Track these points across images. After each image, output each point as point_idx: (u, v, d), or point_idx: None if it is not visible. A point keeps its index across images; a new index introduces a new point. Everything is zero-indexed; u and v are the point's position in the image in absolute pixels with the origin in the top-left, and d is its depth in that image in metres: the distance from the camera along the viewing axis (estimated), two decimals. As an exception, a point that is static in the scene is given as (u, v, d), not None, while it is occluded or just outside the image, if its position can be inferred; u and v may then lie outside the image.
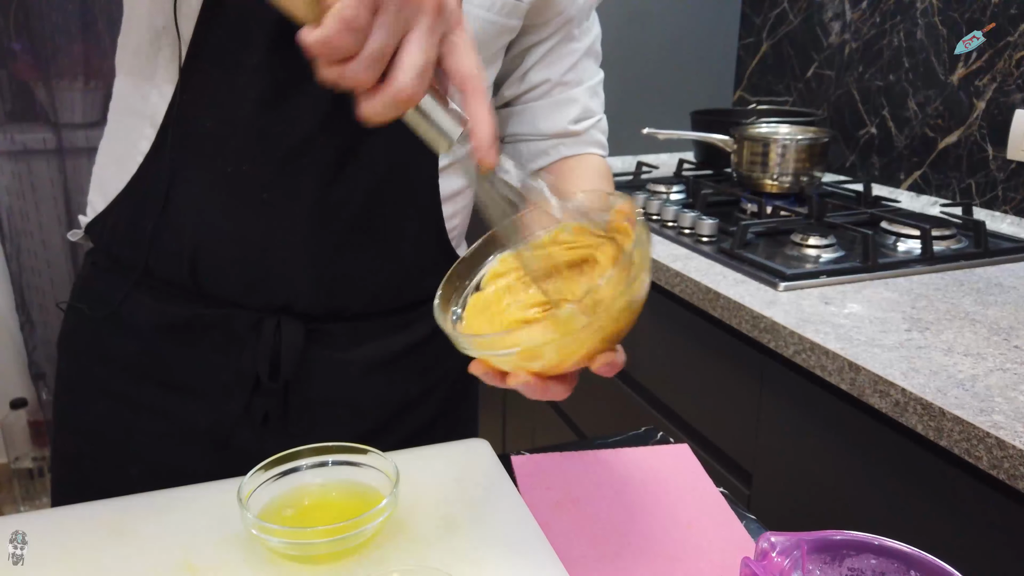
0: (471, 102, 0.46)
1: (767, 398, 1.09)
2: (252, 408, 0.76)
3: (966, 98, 1.54)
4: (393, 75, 0.43)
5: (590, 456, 0.79)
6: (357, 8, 0.41)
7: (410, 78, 0.43)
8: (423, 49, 0.44)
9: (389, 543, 0.61)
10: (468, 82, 0.46)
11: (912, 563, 0.46)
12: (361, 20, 0.42)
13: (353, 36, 0.42)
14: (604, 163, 0.86)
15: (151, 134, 0.70)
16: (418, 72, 0.43)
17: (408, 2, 0.43)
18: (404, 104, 0.44)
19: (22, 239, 2.28)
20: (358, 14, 0.41)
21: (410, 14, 0.43)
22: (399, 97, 0.44)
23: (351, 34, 0.42)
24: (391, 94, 0.44)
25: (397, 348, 0.80)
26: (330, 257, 0.73)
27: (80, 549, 0.60)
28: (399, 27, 0.43)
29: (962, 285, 1.14)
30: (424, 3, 0.43)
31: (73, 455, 0.82)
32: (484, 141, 0.46)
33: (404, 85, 0.43)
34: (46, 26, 2.15)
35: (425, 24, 0.44)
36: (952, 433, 0.77)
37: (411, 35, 0.43)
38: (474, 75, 0.46)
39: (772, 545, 0.47)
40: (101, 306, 0.77)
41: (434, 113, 0.46)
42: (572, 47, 0.82)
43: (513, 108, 0.85)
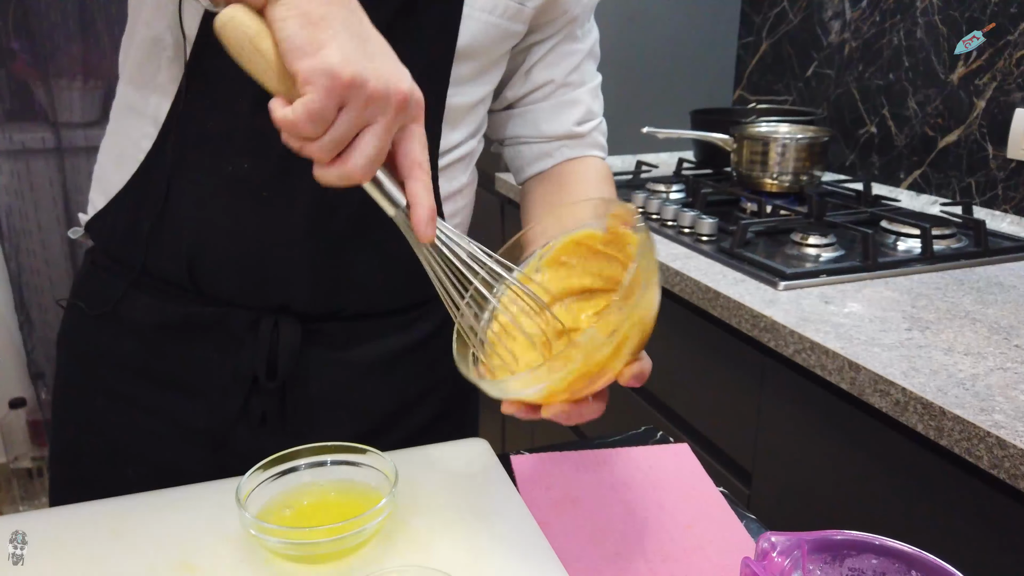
0: (414, 186, 0.52)
1: (767, 398, 1.08)
2: (250, 408, 0.76)
3: (966, 97, 1.54)
4: (347, 157, 0.48)
5: (590, 456, 0.79)
6: (323, 104, 0.45)
7: (360, 165, 0.48)
8: (378, 142, 0.48)
9: (388, 543, 0.61)
10: (414, 169, 0.52)
11: (913, 563, 0.46)
12: (326, 115, 0.46)
13: (315, 126, 0.46)
14: (605, 166, 0.86)
15: (153, 133, 0.70)
16: (368, 160, 0.49)
17: (375, 102, 0.47)
18: (352, 182, 0.50)
19: (21, 238, 2.28)
20: (324, 108, 0.46)
21: (373, 111, 0.48)
22: (349, 177, 0.49)
23: (314, 124, 0.46)
24: (342, 173, 0.49)
25: (396, 348, 0.80)
26: (328, 257, 0.73)
27: (80, 549, 0.60)
28: (360, 122, 0.48)
29: (962, 284, 1.14)
30: (388, 102, 0.48)
31: (71, 453, 0.82)
32: (420, 221, 0.52)
33: (354, 169, 0.48)
34: (45, 25, 2.15)
35: (384, 121, 0.48)
36: (952, 432, 0.77)
37: (370, 128, 0.48)
38: (419, 164, 0.52)
39: (772, 545, 0.46)
40: (100, 304, 0.77)
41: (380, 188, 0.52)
42: (575, 47, 0.82)
43: (516, 110, 0.85)
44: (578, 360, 0.50)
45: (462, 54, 0.71)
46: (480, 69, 0.75)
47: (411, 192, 0.52)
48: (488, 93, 0.79)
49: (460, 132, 0.77)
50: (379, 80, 0.47)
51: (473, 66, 0.74)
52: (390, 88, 0.47)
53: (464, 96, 0.75)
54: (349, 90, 0.46)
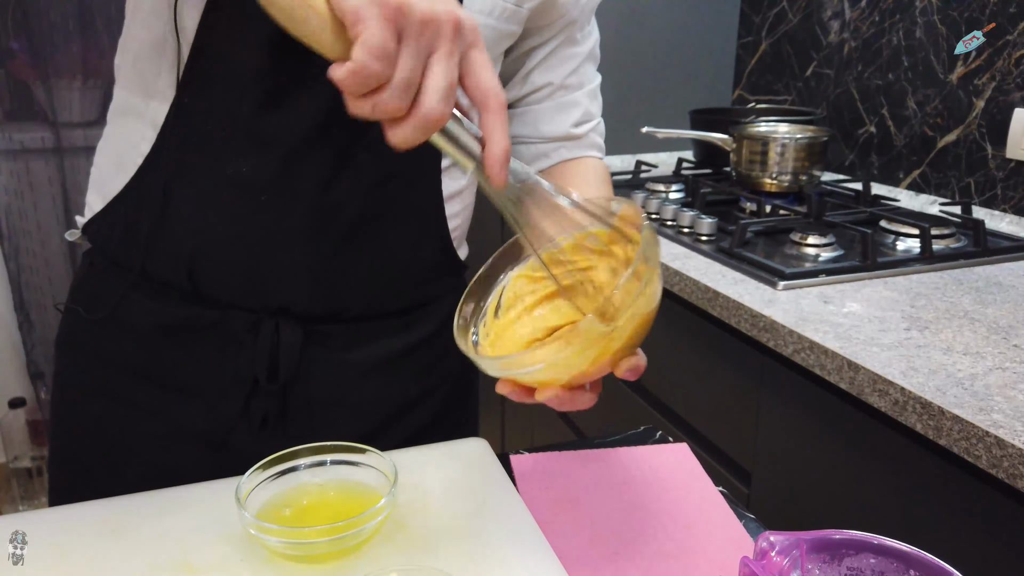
0: (489, 119, 0.47)
1: (766, 397, 1.09)
2: (250, 410, 0.76)
3: (965, 97, 1.54)
4: (420, 100, 0.44)
5: (589, 455, 0.79)
6: (383, 35, 0.42)
7: (436, 101, 0.44)
8: (446, 71, 0.45)
9: (387, 542, 0.61)
10: (488, 99, 0.47)
11: (911, 562, 0.46)
12: (388, 47, 0.43)
13: (382, 64, 0.43)
14: (603, 165, 0.87)
15: (151, 136, 0.70)
16: (443, 95, 0.44)
17: (428, 25, 0.44)
18: (433, 127, 0.45)
19: (20, 238, 2.28)
20: (384, 41, 0.42)
21: (431, 37, 0.44)
22: (428, 121, 0.45)
23: (380, 62, 0.43)
24: (420, 118, 0.45)
25: (396, 349, 0.80)
26: (329, 259, 0.73)
27: (80, 549, 0.60)
28: (423, 51, 0.44)
29: (961, 284, 1.14)
30: (443, 25, 0.44)
31: (71, 455, 0.82)
32: (496, 160, 0.48)
33: (432, 109, 0.44)
34: (44, 25, 2.15)
35: (446, 46, 0.44)
36: (951, 432, 0.77)
37: (433, 58, 0.44)
38: (494, 92, 0.47)
39: (771, 544, 0.46)
40: (98, 307, 0.77)
41: (457, 134, 0.48)
42: (574, 51, 0.82)
43: (515, 110, 0.85)
44: (576, 344, 0.49)
45: None
46: None
47: (486, 126, 0.48)
48: None
49: None
50: (424, 4, 0.44)
51: None
52: (437, 11, 0.44)
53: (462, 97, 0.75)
54: (400, 15, 0.43)
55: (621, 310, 0.49)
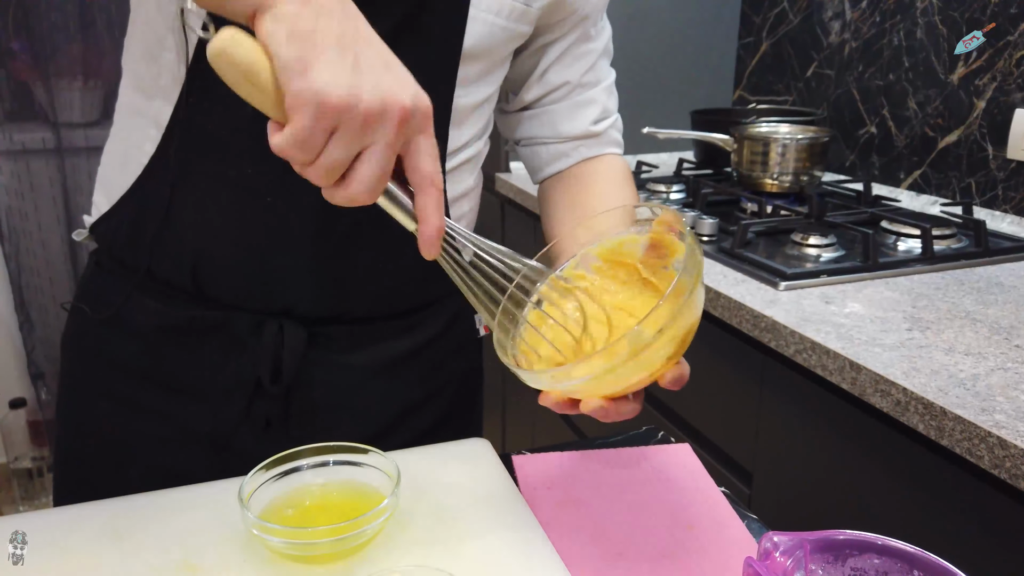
0: (422, 201, 0.51)
1: (767, 398, 1.09)
2: (253, 412, 0.76)
3: (966, 97, 1.54)
4: (348, 181, 0.47)
5: (591, 456, 0.79)
6: (309, 131, 0.44)
7: (362, 189, 0.47)
8: (376, 165, 0.47)
9: (390, 543, 0.61)
10: (424, 184, 0.50)
11: (915, 563, 0.46)
12: (314, 141, 0.45)
13: (304, 153, 0.45)
14: (624, 163, 0.86)
15: (156, 136, 0.70)
16: (368, 185, 0.47)
17: (369, 124, 0.45)
18: (358, 203, 0.49)
19: (21, 239, 2.28)
20: (310, 134, 0.44)
21: (371, 132, 0.46)
22: (353, 199, 0.48)
23: (302, 151, 0.45)
24: (346, 196, 0.48)
25: (400, 351, 0.80)
26: (332, 261, 0.72)
27: (80, 549, 0.60)
28: (356, 144, 0.46)
29: (963, 284, 1.14)
30: (388, 120, 0.46)
31: (75, 455, 0.82)
32: (427, 239, 0.51)
33: (356, 193, 0.48)
34: (45, 25, 2.15)
35: (384, 140, 0.47)
36: (954, 432, 0.77)
37: (368, 151, 0.47)
38: (430, 178, 0.50)
39: (775, 545, 0.46)
40: (103, 307, 0.77)
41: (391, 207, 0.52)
42: (589, 47, 0.82)
43: (532, 111, 0.84)
44: (623, 355, 0.49)
45: (468, 55, 0.71)
46: (485, 70, 0.75)
47: (419, 207, 0.51)
48: (493, 93, 0.79)
49: (466, 132, 0.77)
50: (374, 98, 0.45)
51: (479, 67, 0.73)
52: (387, 104, 0.45)
53: (470, 97, 0.75)
54: (339, 113, 0.44)
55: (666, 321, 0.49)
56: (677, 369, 0.54)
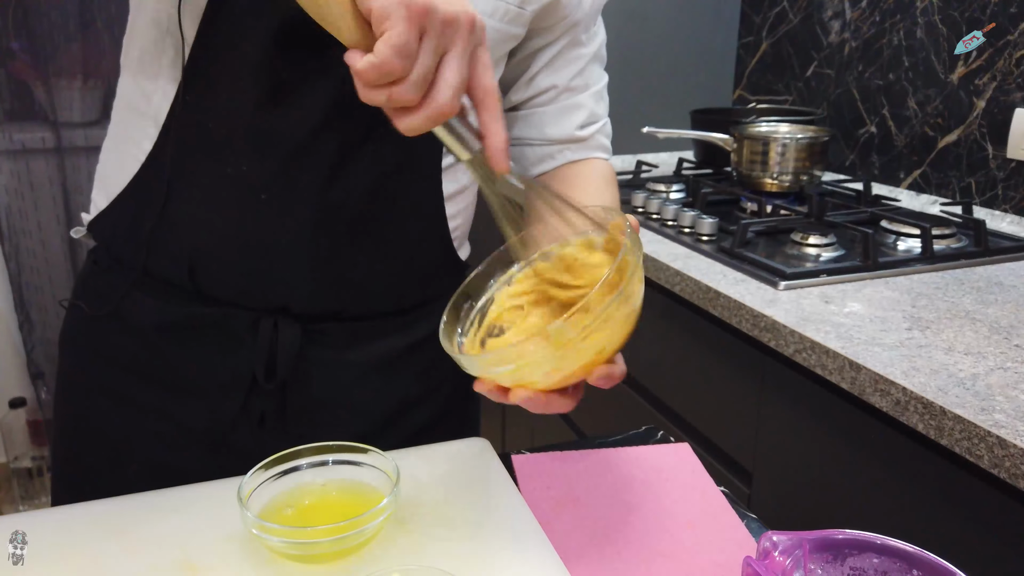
0: (488, 115, 0.50)
1: (767, 397, 1.09)
2: (249, 408, 0.76)
3: (966, 97, 1.54)
4: (433, 94, 0.47)
5: (591, 455, 0.79)
6: (408, 34, 0.44)
7: (449, 97, 0.47)
8: (460, 68, 0.47)
9: (390, 542, 0.61)
10: (488, 97, 0.50)
11: (914, 562, 0.46)
12: (412, 46, 0.45)
13: (403, 61, 0.45)
14: (609, 167, 0.86)
15: (153, 134, 0.70)
16: (455, 91, 0.47)
17: (450, 25, 0.46)
18: (442, 119, 0.48)
19: (21, 238, 2.28)
20: (409, 40, 0.44)
21: (450, 35, 0.47)
22: (439, 113, 0.47)
23: (402, 59, 0.45)
24: (433, 110, 0.47)
25: (396, 349, 0.80)
26: (329, 259, 0.73)
27: (80, 549, 0.60)
28: (440, 48, 0.47)
29: (962, 284, 1.14)
30: (461, 24, 0.47)
31: (72, 452, 0.82)
32: (498, 150, 0.50)
33: (444, 102, 0.47)
34: (45, 25, 2.14)
35: (461, 44, 0.47)
36: (953, 432, 0.77)
37: (450, 54, 0.47)
38: (493, 91, 0.50)
39: (774, 544, 0.46)
40: (101, 304, 0.77)
41: (459, 126, 0.50)
42: (579, 52, 0.82)
43: (519, 112, 0.84)
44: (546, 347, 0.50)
45: None
46: None
47: (486, 122, 0.50)
48: None
49: None
50: (449, 4, 0.46)
51: None
52: (458, 10, 0.47)
53: None
54: (424, 16, 0.45)
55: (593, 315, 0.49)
56: (607, 367, 0.53)
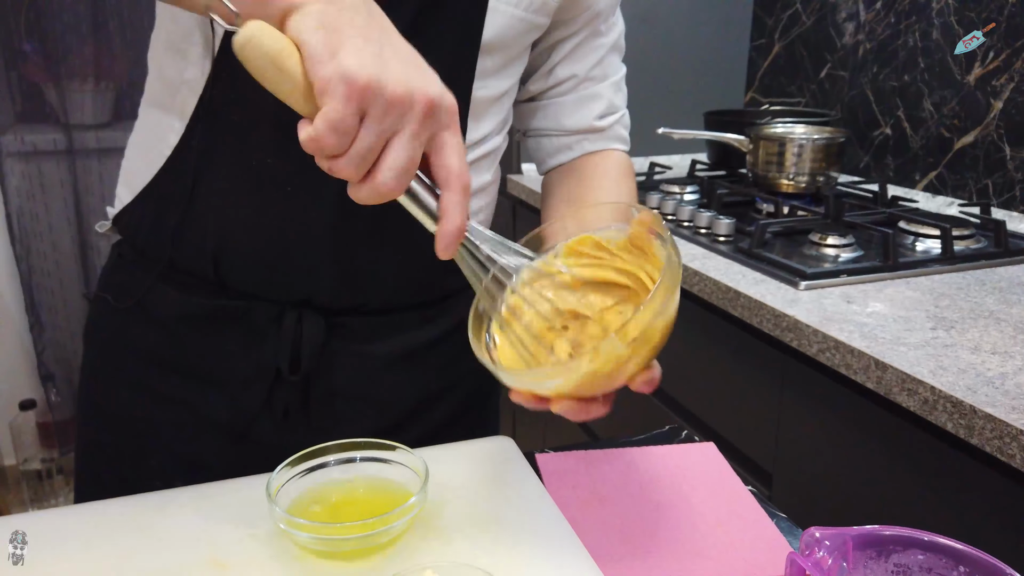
0: (447, 198, 0.50)
1: (787, 398, 1.08)
2: (272, 401, 0.76)
3: (983, 98, 1.53)
4: (374, 173, 0.47)
5: (615, 454, 0.78)
6: (343, 113, 0.44)
7: (390, 178, 0.47)
8: (405, 152, 0.47)
9: (418, 540, 0.60)
10: (450, 180, 0.50)
11: (961, 559, 0.45)
12: (347, 124, 0.45)
13: (338, 138, 0.45)
14: (626, 159, 0.86)
15: (180, 128, 0.70)
16: (396, 173, 0.47)
17: (396, 106, 0.46)
18: (385, 197, 0.49)
19: (32, 240, 2.28)
20: (343, 118, 0.45)
21: (397, 118, 0.46)
22: (379, 193, 0.48)
23: (336, 136, 0.45)
24: (373, 188, 0.48)
25: (418, 343, 0.80)
26: (352, 251, 0.72)
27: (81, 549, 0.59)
28: (384, 130, 0.46)
29: (984, 284, 1.13)
30: (412, 109, 0.46)
31: (95, 443, 0.82)
32: (444, 237, 0.51)
33: (384, 182, 0.47)
34: (57, 27, 2.15)
35: (411, 127, 0.47)
36: (984, 431, 0.76)
37: (396, 138, 0.47)
38: (456, 174, 0.50)
39: (818, 540, 0.46)
40: (125, 297, 0.77)
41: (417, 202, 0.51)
42: (599, 42, 0.82)
43: (538, 102, 0.84)
44: (596, 363, 0.50)
45: (487, 47, 0.71)
46: (504, 62, 0.75)
47: (443, 205, 0.51)
48: (512, 86, 0.78)
49: (485, 126, 0.77)
50: (399, 84, 0.45)
51: (497, 59, 0.73)
52: (413, 91, 0.46)
53: (488, 89, 0.74)
54: (366, 94, 0.45)
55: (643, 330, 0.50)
56: (647, 373, 0.53)
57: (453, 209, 0.50)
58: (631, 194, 0.82)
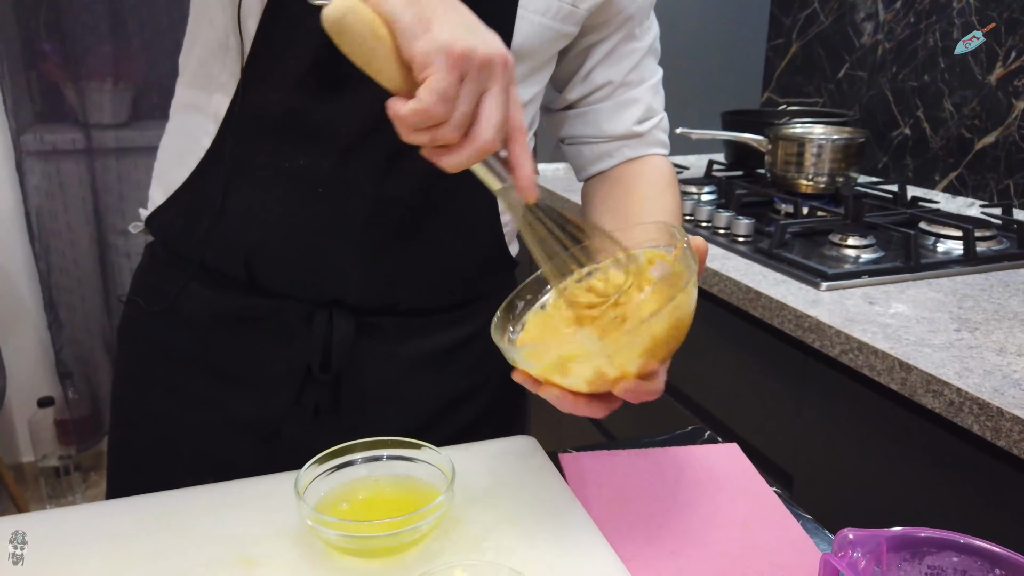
0: (517, 148, 0.52)
1: (808, 399, 1.07)
2: (303, 400, 0.77)
3: (1004, 98, 1.52)
4: (476, 132, 0.49)
5: (639, 455, 0.78)
6: (449, 80, 0.46)
7: (491, 135, 0.49)
8: (499, 106, 0.49)
9: (444, 538, 0.60)
10: (516, 132, 0.52)
11: (998, 561, 0.45)
12: (453, 91, 0.47)
13: (446, 106, 0.47)
14: (668, 166, 0.84)
15: (213, 130, 0.71)
16: (496, 128, 0.49)
17: (486, 65, 0.48)
18: (485, 155, 0.50)
19: (51, 239, 2.29)
20: (450, 87, 0.46)
21: (487, 76, 0.48)
22: (482, 149, 0.49)
23: (444, 104, 0.47)
24: (475, 147, 0.49)
25: (447, 343, 0.80)
26: (383, 252, 0.73)
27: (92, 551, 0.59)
28: (480, 90, 0.48)
29: (1007, 286, 1.12)
30: (496, 64, 0.49)
31: (128, 442, 0.83)
32: (527, 179, 0.52)
33: (486, 140, 0.49)
34: (76, 27, 2.16)
35: (498, 83, 0.49)
36: (1011, 433, 0.76)
37: (488, 94, 0.49)
38: (522, 126, 0.52)
39: (851, 541, 0.45)
40: (158, 299, 0.78)
41: (486, 164, 0.52)
42: (634, 46, 0.81)
43: (576, 110, 0.84)
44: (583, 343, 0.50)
45: (515, 54, 0.70)
46: (532, 69, 0.75)
47: (516, 155, 0.52)
48: (539, 92, 0.78)
49: None
50: (486, 47, 0.48)
51: (525, 67, 0.73)
52: (495, 52, 0.48)
53: None
54: (464, 62, 0.47)
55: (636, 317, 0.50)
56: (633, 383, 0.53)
57: (525, 157, 0.52)
58: (675, 203, 0.81)
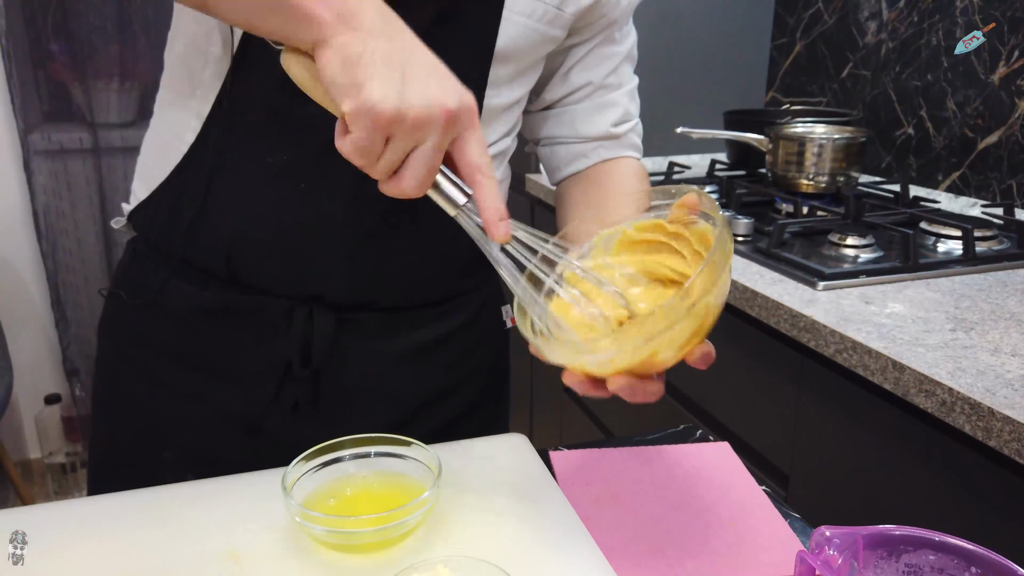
0: (479, 192, 0.54)
1: (805, 398, 1.07)
2: (283, 395, 0.77)
3: (1007, 98, 1.51)
4: (400, 177, 0.53)
5: (629, 453, 0.79)
6: (370, 139, 0.50)
7: (412, 184, 0.52)
8: (425, 162, 0.52)
9: (431, 534, 0.61)
10: (474, 175, 0.54)
11: (973, 559, 0.45)
12: (376, 148, 0.51)
13: (365, 159, 0.51)
14: (640, 166, 0.86)
15: (196, 126, 0.71)
16: (419, 179, 0.52)
17: (417, 129, 0.50)
18: (410, 197, 0.54)
19: (58, 237, 2.31)
20: (370, 144, 0.50)
21: (420, 135, 0.51)
22: (404, 193, 0.53)
23: (363, 157, 0.51)
24: (398, 190, 0.53)
25: (429, 339, 0.81)
26: (364, 249, 0.73)
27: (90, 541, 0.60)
28: (408, 146, 0.51)
29: (1006, 286, 1.11)
30: (434, 123, 0.50)
31: (109, 437, 0.84)
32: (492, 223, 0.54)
33: (408, 187, 0.53)
34: (83, 27, 2.18)
35: (432, 141, 0.51)
36: (1002, 433, 0.76)
37: (418, 149, 0.52)
38: (481, 167, 0.54)
39: (828, 539, 0.46)
40: (140, 293, 0.78)
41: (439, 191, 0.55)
42: (613, 50, 0.82)
43: (553, 111, 0.84)
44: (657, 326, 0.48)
45: (500, 56, 0.71)
46: (517, 72, 0.75)
47: (477, 198, 0.54)
48: (524, 95, 0.79)
49: (495, 131, 0.78)
50: (422, 106, 0.50)
51: (510, 69, 0.74)
52: (433, 110, 0.50)
53: (501, 98, 0.75)
54: (392, 124, 0.49)
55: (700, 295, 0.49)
56: (706, 345, 0.53)
57: (486, 197, 0.54)
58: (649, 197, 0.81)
